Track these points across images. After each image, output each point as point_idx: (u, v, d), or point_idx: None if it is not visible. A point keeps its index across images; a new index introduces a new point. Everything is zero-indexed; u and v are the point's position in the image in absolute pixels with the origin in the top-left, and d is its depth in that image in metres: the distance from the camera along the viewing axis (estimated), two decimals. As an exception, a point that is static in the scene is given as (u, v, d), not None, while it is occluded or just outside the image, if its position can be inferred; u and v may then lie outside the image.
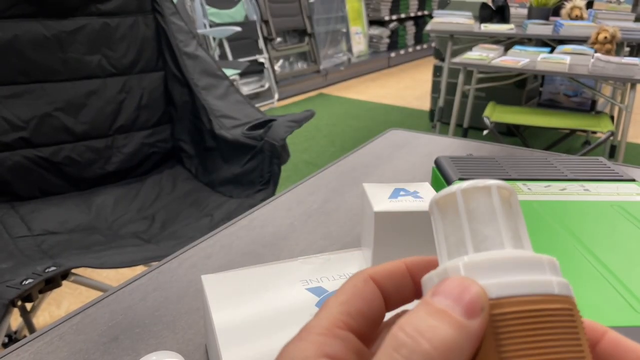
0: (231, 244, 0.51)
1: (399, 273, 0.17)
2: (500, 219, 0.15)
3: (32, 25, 1.06)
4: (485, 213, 0.15)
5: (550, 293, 0.14)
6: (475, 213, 0.15)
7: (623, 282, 0.33)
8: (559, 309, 0.14)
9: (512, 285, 0.14)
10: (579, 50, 2.01)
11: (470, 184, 0.16)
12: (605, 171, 0.51)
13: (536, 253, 0.15)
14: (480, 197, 0.16)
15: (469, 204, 0.16)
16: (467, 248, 0.15)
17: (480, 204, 0.15)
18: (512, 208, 0.16)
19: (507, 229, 0.15)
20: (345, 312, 0.15)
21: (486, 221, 0.15)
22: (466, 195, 0.16)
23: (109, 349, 0.37)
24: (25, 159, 1.06)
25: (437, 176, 0.52)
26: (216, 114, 1.15)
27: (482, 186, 0.16)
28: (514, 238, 0.15)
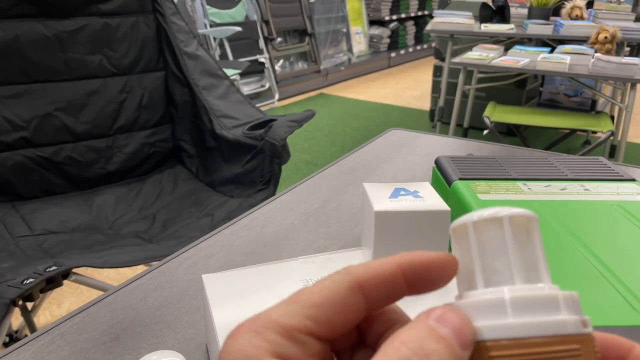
0: (232, 244, 0.51)
1: (393, 279, 0.15)
2: (511, 252, 0.15)
3: (33, 25, 1.06)
4: (496, 246, 0.15)
5: (554, 334, 0.14)
6: (486, 245, 0.15)
7: (623, 281, 0.33)
8: (560, 350, 0.13)
9: (509, 327, 0.14)
10: (579, 50, 2.01)
11: (481, 215, 0.15)
12: (606, 171, 0.51)
13: (554, 286, 0.15)
14: (491, 229, 0.15)
15: (480, 236, 0.15)
16: (476, 282, 0.15)
17: (491, 236, 0.15)
18: (530, 236, 0.15)
19: (520, 261, 0.15)
20: (313, 317, 0.14)
21: (496, 254, 0.15)
22: (477, 227, 0.15)
23: (110, 348, 0.37)
24: (26, 159, 1.06)
25: (438, 176, 0.52)
26: (217, 113, 1.15)
27: (492, 218, 0.15)
28: (528, 270, 0.15)
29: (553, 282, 0.15)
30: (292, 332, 0.14)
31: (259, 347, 0.13)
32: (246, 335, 0.14)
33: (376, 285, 0.15)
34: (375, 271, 0.15)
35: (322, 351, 0.15)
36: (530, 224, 0.15)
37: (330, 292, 0.15)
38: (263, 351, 0.13)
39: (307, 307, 0.14)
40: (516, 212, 0.15)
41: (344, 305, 0.15)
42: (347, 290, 0.15)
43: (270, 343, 0.14)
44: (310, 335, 0.14)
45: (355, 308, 0.15)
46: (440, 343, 0.14)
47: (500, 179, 0.48)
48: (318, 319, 0.14)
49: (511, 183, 0.47)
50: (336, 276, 0.15)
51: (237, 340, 0.14)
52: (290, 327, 0.14)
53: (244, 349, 0.14)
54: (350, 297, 0.15)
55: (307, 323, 0.14)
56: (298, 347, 0.14)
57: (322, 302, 0.15)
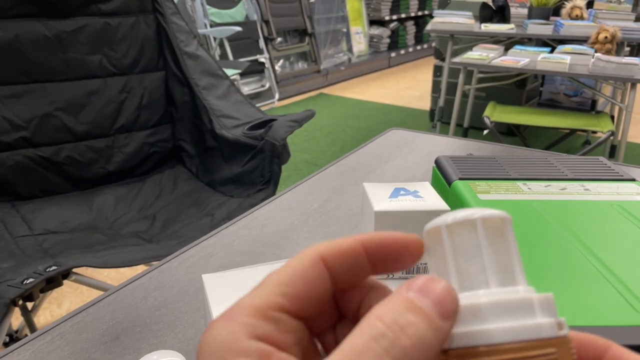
0: (232, 244, 0.51)
1: (354, 253, 0.16)
2: (485, 255, 0.15)
3: (33, 25, 1.06)
4: (469, 249, 0.15)
5: (529, 339, 0.13)
6: (460, 249, 0.15)
7: (623, 281, 0.33)
8: (536, 355, 0.13)
9: (484, 333, 0.14)
10: (579, 50, 2.01)
11: (454, 217, 0.15)
12: (606, 171, 0.51)
13: (529, 288, 0.15)
14: (464, 232, 0.15)
15: (454, 239, 0.15)
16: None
17: (465, 239, 0.15)
18: (504, 238, 0.15)
19: (494, 264, 0.15)
20: (283, 294, 0.15)
21: (471, 257, 0.15)
22: (451, 230, 0.15)
23: (110, 348, 0.37)
24: (26, 159, 1.06)
25: (438, 176, 0.52)
26: (217, 113, 1.15)
27: (466, 220, 0.15)
28: (503, 273, 0.15)
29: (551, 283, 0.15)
30: (264, 311, 0.14)
31: (234, 332, 0.14)
32: (220, 325, 0.14)
33: (338, 259, 0.16)
34: (337, 245, 0.16)
35: (297, 328, 0.15)
36: (504, 225, 0.15)
37: (296, 268, 0.15)
38: (239, 335, 0.14)
39: (275, 285, 0.15)
40: (490, 213, 0.15)
41: (310, 278, 0.15)
42: (311, 264, 0.15)
43: (245, 326, 0.14)
44: (283, 311, 0.14)
45: (321, 280, 0.15)
46: (419, 315, 0.13)
47: (500, 178, 0.48)
48: (287, 294, 0.15)
49: (511, 183, 0.47)
50: (300, 254, 0.16)
51: (212, 332, 0.14)
52: (262, 306, 0.14)
53: (220, 337, 0.14)
54: (314, 269, 0.15)
55: (277, 300, 0.14)
56: (272, 324, 0.14)
57: (289, 279, 0.15)
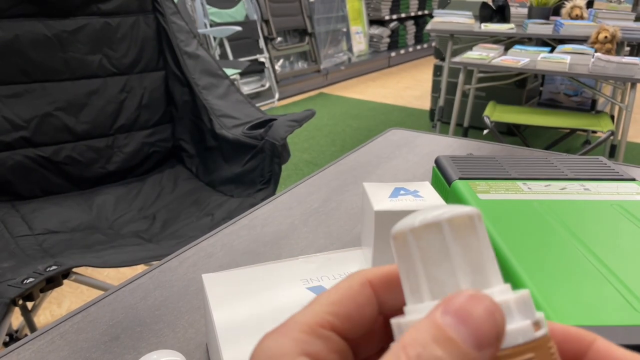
0: (232, 243, 0.51)
1: (399, 279, 0.16)
2: (454, 257, 0.14)
3: (33, 25, 1.06)
4: (437, 252, 0.14)
5: (505, 347, 0.13)
6: (427, 253, 0.14)
7: (623, 281, 0.33)
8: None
9: None
10: (579, 49, 2.01)
11: (420, 220, 0.14)
12: (606, 170, 0.51)
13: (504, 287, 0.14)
14: (430, 235, 0.14)
15: (420, 244, 0.14)
16: (422, 294, 0.14)
17: (432, 242, 0.14)
18: (475, 236, 0.14)
19: (464, 266, 0.14)
20: (333, 313, 0.15)
21: (439, 261, 0.14)
22: (416, 234, 0.14)
23: (110, 347, 0.37)
24: (26, 159, 1.06)
25: (438, 176, 0.52)
26: (217, 113, 1.15)
27: (431, 223, 0.14)
28: (474, 274, 0.14)
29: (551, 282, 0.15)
30: (315, 329, 0.14)
31: (284, 346, 0.14)
32: (272, 338, 0.14)
33: (384, 283, 0.16)
34: (383, 270, 0.16)
35: (344, 349, 0.15)
36: (472, 223, 0.14)
37: (345, 290, 0.15)
38: (289, 350, 0.14)
39: (326, 304, 0.15)
40: (456, 213, 0.14)
41: (358, 298, 0.15)
42: (359, 286, 0.16)
43: (296, 341, 0.14)
44: (332, 330, 0.15)
45: (368, 301, 0.15)
46: (447, 349, 0.12)
47: (500, 178, 0.48)
48: (337, 313, 0.15)
49: (511, 183, 0.47)
50: (348, 277, 0.16)
51: (264, 344, 0.14)
52: (313, 323, 0.14)
53: (270, 351, 0.14)
54: (362, 291, 0.16)
55: (328, 318, 0.15)
56: (322, 342, 0.14)
57: (339, 298, 0.15)
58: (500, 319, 0.12)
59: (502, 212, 0.41)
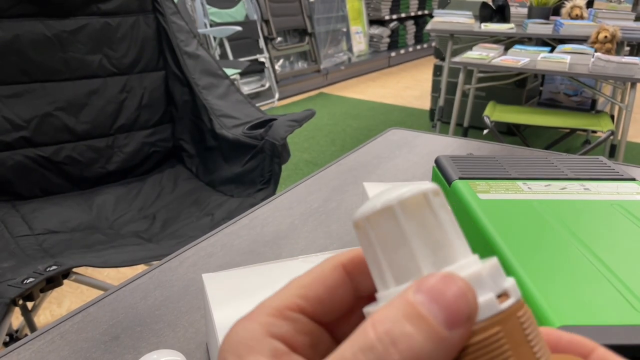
0: (232, 243, 0.51)
1: None
2: (412, 240, 0.13)
3: (33, 25, 1.06)
4: (394, 237, 0.13)
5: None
6: (385, 240, 0.14)
7: (623, 281, 0.33)
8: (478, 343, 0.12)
9: None
10: (579, 49, 2.01)
11: (373, 207, 0.14)
12: (606, 170, 0.51)
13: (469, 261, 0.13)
14: (385, 222, 0.13)
15: (377, 231, 0.14)
16: (386, 281, 0.14)
17: (388, 229, 0.13)
18: (433, 213, 0.13)
19: (424, 247, 0.13)
20: (301, 296, 0.15)
21: (397, 247, 0.13)
22: (372, 222, 0.14)
23: (110, 347, 0.37)
24: (26, 159, 1.06)
25: (438, 175, 0.52)
26: (217, 113, 1.15)
27: (382, 209, 0.13)
28: (435, 255, 0.13)
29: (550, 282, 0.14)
30: (282, 311, 0.14)
31: (252, 330, 0.14)
32: (240, 323, 0.15)
33: (358, 265, 0.16)
34: (356, 252, 0.16)
35: (314, 331, 0.15)
36: (428, 200, 0.14)
37: (316, 273, 0.16)
38: (256, 333, 0.14)
39: (295, 288, 0.15)
40: (406, 193, 0.13)
41: (329, 282, 0.15)
42: (331, 269, 0.16)
43: (263, 324, 0.14)
44: (300, 312, 0.15)
45: (340, 285, 0.15)
46: (417, 325, 0.11)
47: (500, 178, 0.48)
48: (306, 296, 0.15)
49: (511, 182, 0.47)
50: (322, 262, 0.16)
51: (233, 329, 0.15)
52: (281, 306, 0.15)
53: (238, 335, 0.14)
54: (334, 274, 0.15)
55: (296, 300, 0.15)
56: (289, 324, 0.14)
57: (309, 282, 0.15)
58: (472, 299, 0.12)
59: (502, 212, 0.41)
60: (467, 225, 0.42)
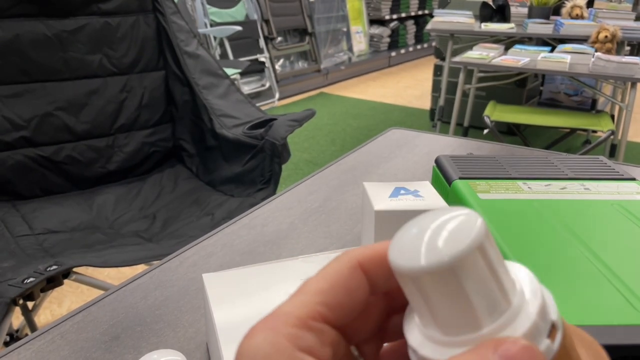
0: (232, 243, 0.51)
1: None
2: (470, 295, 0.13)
3: (33, 25, 1.06)
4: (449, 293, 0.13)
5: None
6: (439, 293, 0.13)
7: (623, 280, 0.33)
8: None
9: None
10: (580, 49, 2.01)
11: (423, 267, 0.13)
12: (606, 170, 0.51)
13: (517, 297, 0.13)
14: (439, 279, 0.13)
15: (429, 285, 0.13)
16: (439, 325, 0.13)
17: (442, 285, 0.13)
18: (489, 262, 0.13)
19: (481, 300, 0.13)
20: (324, 303, 0.14)
21: (453, 300, 0.13)
22: (423, 280, 0.13)
23: (111, 347, 0.37)
24: (26, 158, 1.06)
25: (438, 175, 0.52)
26: (217, 113, 1.15)
27: (437, 269, 0.13)
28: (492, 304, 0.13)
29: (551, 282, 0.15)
30: (307, 322, 0.14)
31: (277, 344, 0.13)
32: (262, 334, 0.13)
33: (375, 263, 0.15)
34: (373, 250, 0.15)
35: (337, 340, 0.14)
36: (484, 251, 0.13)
37: (334, 276, 0.15)
38: (283, 347, 0.13)
39: (316, 294, 0.14)
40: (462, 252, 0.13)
41: (349, 284, 0.14)
42: (350, 270, 0.15)
43: (288, 337, 0.13)
44: (324, 321, 0.14)
45: (360, 286, 0.15)
46: None
47: (501, 178, 0.48)
48: (328, 303, 0.14)
49: (511, 182, 0.47)
50: (336, 260, 0.15)
51: (253, 340, 0.13)
52: (305, 316, 0.14)
53: (262, 349, 0.13)
54: (353, 276, 0.15)
55: (319, 309, 0.14)
56: (315, 336, 0.13)
57: (329, 287, 0.14)
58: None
59: (502, 211, 0.41)
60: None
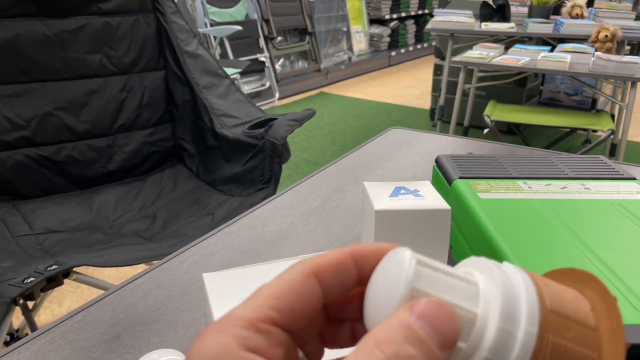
0: (232, 243, 0.51)
1: (345, 266, 0.16)
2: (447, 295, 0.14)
3: (33, 25, 1.06)
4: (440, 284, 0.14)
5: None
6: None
7: (623, 280, 0.33)
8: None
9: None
10: (580, 48, 2.01)
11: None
12: (606, 170, 0.51)
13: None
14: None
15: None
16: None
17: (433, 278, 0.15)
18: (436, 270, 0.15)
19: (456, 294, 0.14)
20: (274, 307, 0.15)
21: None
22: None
23: (111, 347, 0.37)
24: (26, 158, 1.06)
25: (438, 175, 0.52)
26: (217, 112, 1.15)
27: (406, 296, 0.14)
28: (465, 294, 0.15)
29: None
30: (256, 324, 0.14)
31: (225, 344, 0.14)
32: (211, 336, 0.14)
33: (329, 271, 0.16)
34: (327, 258, 0.16)
35: (286, 341, 0.15)
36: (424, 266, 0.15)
37: (287, 282, 0.15)
38: (231, 347, 0.14)
39: (267, 299, 0.15)
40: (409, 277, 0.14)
41: (301, 291, 0.15)
42: (303, 277, 0.15)
43: (237, 338, 0.14)
44: (274, 324, 0.15)
45: (312, 294, 0.15)
46: (419, 348, 0.13)
47: (501, 177, 0.48)
48: (279, 307, 0.15)
49: (511, 182, 0.47)
50: (291, 268, 0.16)
51: (202, 342, 0.14)
52: (254, 319, 0.14)
53: (211, 349, 0.13)
54: (306, 283, 0.15)
55: (269, 313, 0.15)
56: (263, 337, 0.14)
57: (281, 292, 0.15)
58: (458, 324, 0.14)
59: (502, 211, 0.41)
60: (467, 225, 0.42)
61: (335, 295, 0.16)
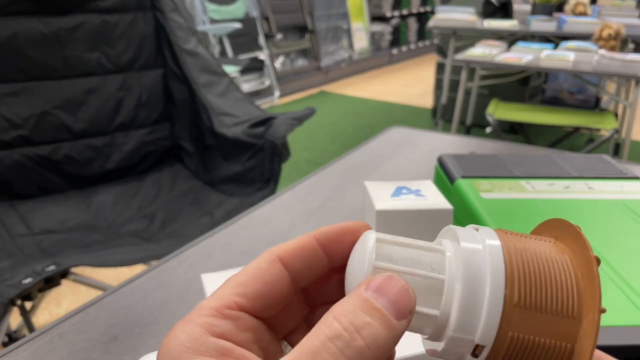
0: (231, 243, 0.51)
1: (310, 249, 0.17)
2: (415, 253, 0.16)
3: (31, 23, 1.06)
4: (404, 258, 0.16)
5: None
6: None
7: (627, 280, 0.32)
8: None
9: None
10: (583, 47, 2.00)
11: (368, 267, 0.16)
12: (609, 169, 0.50)
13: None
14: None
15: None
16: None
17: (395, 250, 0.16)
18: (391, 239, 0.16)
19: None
20: (241, 294, 0.15)
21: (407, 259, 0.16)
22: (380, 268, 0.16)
23: (109, 348, 0.37)
24: (24, 157, 1.05)
25: (440, 174, 0.52)
26: (216, 111, 1.14)
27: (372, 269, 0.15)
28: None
29: None
30: (222, 310, 0.15)
31: (192, 333, 0.14)
32: (180, 327, 0.15)
33: (294, 256, 0.16)
34: (291, 244, 0.17)
35: (256, 327, 0.15)
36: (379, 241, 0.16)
37: (253, 269, 0.16)
38: (198, 335, 0.14)
39: (234, 287, 0.15)
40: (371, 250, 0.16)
41: (267, 277, 0.16)
42: (268, 264, 0.16)
43: (204, 325, 0.14)
44: (241, 310, 0.15)
45: (279, 279, 0.16)
46: (374, 316, 0.14)
47: (503, 177, 0.48)
48: (245, 293, 0.15)
49: (514, 181, 0.47)
50: (258, 257, 0.17)
51: (172, 333, 0.14)
52: (221, 306, 0.15)
53: (178, 339, 0.14)
54: (271, 269, 0.16)
55: (235, 299, 0.15)
56: (230, 322, 0.15)
57: (247, 279, 0.16)
58: (413, 296, 0.14)
59: (505, 211, 0.41)
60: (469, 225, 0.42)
61: (306, 279, 0.17)
